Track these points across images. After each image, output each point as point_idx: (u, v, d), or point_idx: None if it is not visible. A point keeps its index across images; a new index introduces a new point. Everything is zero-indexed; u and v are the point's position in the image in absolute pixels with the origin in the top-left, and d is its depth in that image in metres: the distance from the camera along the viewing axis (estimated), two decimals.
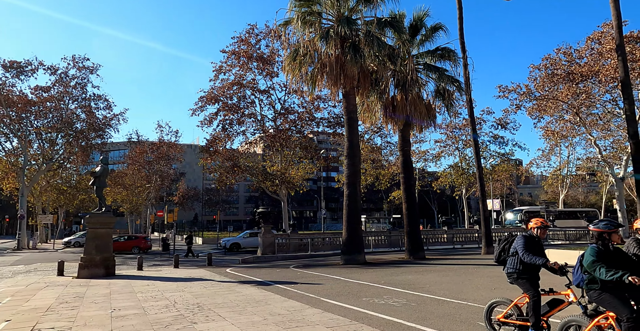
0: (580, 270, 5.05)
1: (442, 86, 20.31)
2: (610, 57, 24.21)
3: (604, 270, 4.54)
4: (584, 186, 60.46)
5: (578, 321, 5.14)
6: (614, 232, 4.86)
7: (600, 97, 28.53)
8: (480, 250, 21.89)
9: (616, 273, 4.44)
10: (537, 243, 5.90)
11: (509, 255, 6.12)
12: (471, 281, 12.14)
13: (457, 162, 42.86)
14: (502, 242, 6.38)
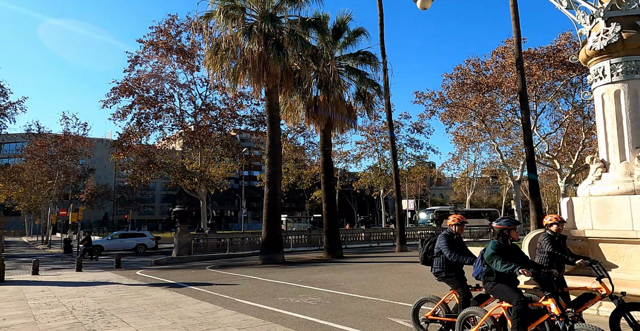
0: (480, 263, 5.44)
1: (363, 89, 20.93)
2: (511, 70, 26.58)
3: (500, 263, 4.90)
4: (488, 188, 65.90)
5: (475, 312, 5.51)
6: (513, 228, 5.26)
7: (503, 107, 31.24)
8: (394, 248, 22.86)
9: (509, 266, 4.81)
10: (457, 240, 6.16)
11: (434, 255, 6.27)
12: (384, 278, 12.61)
13: (376, 164, 44.49)
14: (426, 243, 6.53)
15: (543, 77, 27.34)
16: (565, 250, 6.16)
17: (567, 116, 31.20)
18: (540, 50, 27.81)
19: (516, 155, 36.23)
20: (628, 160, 8.24)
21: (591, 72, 8.79)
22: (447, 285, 6.18)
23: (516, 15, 16.58)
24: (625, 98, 8.27)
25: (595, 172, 8.72)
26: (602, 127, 8.74)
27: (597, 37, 8.28)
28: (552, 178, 44.15)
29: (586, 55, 8.70)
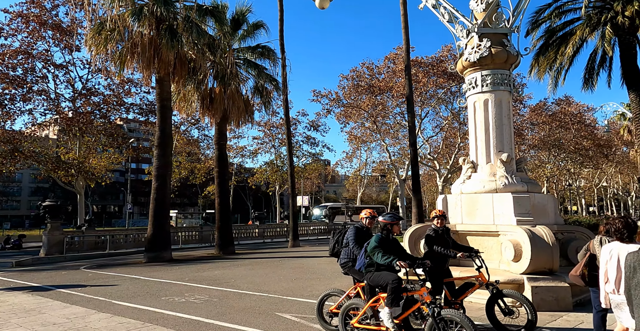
0: (364, 255, 5.68)
1: (261, 83, 20.71)
2: (401, 76, 28.46)
3: (380, 255, 5.18)
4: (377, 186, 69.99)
5: (357, 303, 5.74)
6: (396, 223, 5.59)
7: (393, 110, 33.34)
8: (288, 243, 23.08)
9: (389, 258, 5.10)
10: (366, 233, 6.28)
11: (342, 246, 6.34)
12: (275, 273, 12.64)
13: (272, 160, 44.52)
14: (336, 234, 6.59)
15: (428, 85, 29.75)
16: (448, 242, 6.54)
17: (446, 121, 34.35)
18: (426, 60, 30.22)
19: (402, 155, 38.91)
20: (492, 162, 9.29)
21: (466, 81, 9.73)
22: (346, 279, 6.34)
23: (406, 25, 17.74)
24: (492, 106, 9.31)
25: (466, 172, 9.68)
26: (473, 131, 9.73)
27: (471, 50, 9.19)
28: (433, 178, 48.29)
29: (462, 66, 9.61)
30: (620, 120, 39.88)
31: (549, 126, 37.71)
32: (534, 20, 18.44)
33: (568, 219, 21.28)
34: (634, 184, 53.43)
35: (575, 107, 39.55)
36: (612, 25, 16.85)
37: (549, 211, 9.16)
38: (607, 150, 41.64)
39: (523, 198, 8.56)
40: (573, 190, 54.82)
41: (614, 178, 55.67)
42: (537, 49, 18.68)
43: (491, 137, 9.34)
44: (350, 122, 36.04)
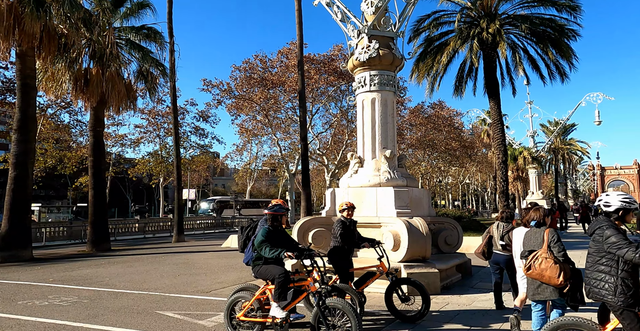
0: (251, 249, 5.59)
1: (146, 68, 19.22)
2: (293, 71, 28.79)
3: (268, 249, 5.13)
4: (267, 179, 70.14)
5: (243, 296, 5.65)
6: (284, 214, 5.58)
7: (285, 104, 33.56)
8: (172, 238, 21.93)
9: (276, 251, 5.07)
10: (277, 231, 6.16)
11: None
12: (157, 270, 11.90)
13: (157, 150, 41.81)
14: (246, 229, 6.27)
15: (319, 82, 30.53)
16: (354, 234, 6.66)
17: (335, 119, 35.64)
18: (318, 57, 30.96)
19: (293, 150, 39.45)
20: (377, 157, 9.85)
21: (356, 80, 10.16)
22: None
23: (300, 20, 17.95)
24: (378, 105, 9.86)
25: (353, 166, 10.13)
26: (361, 128, 10.21)
27: (362, 50, 9.61)
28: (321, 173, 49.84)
29: (353, 65, 10.01)
30: (481, 125, 45.43)
31: (425, 127, 41.32)
32: (415, 28, 19.99)
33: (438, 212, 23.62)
34: (490, 181, 61.27)
35: (447, 111, 43.92)
36: (478, 40, 19.01)
37: (424, 204, 10.04)
38: (471, 151, 47.10)
39: (403, 192, 9.24)
40: (442, 186, 60.99)
41: (474, 176, 63.22)
42: (417, 55, 20.26)
43: (377, 134, 9.90)
44: (242, 114, 35.43)
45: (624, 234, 3.66)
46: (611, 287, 3.64)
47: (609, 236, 3.63)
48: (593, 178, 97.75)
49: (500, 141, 21.26)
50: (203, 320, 6.41)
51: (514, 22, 19.73)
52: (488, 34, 18.46)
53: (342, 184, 10.23)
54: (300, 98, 18.53)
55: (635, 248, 3.47)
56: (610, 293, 3.66)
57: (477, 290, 8.49)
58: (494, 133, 21.99)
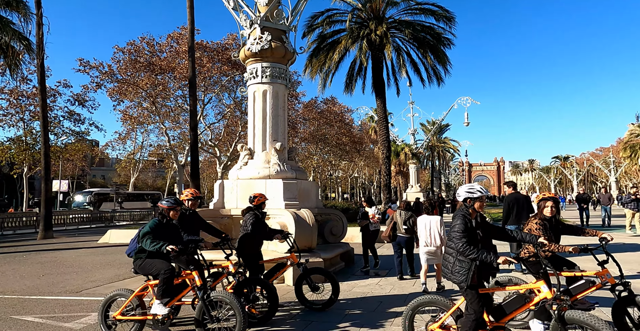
0: (136, 241, 5.24)
1: (6, 40, 16.77)
2: (184, 57, 27.39)
3: (149, 241, 4.86)
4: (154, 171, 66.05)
5: (122, 294, 5.29)
6: (174, 208, 5.22)
7: (174, 92, 31.80)
8: (37, 235, 19.53)
9: (158, 244, 4.82)
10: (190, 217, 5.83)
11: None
12: (16, 270, 10.52)
13: (20, 135, 36.73)
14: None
15: (212, 70, 29.47)
16: (265, 225, 6.58)
17: (228, 109, 34.83)
18: (211, 45, 29.83)
19: (183, 140, 37.67)
20: (268, 150, 9.88)
21: (248, 70, 10.04)
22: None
23: (191, 4, 17.13)
24: (270, 97, 9.87)
25: (243, 158, 10.03)
26: (252, 119, 10.13)
27: (254, 41, 9.52)
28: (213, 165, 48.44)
29: (245, 55, 9.86)
30: (370, 122, 48.11)
31: (317, 122, 42.44)
32: (309, 24, 20.39)
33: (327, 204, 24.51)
34: (376, 175, 65.30)
35: (338, 107, 45.61)
36: (367, 41, 20.06)
37: (312, 196, 10.34)
38: (359, 146, 49.61)
39: (292, 184, 9.40)
40: (333, 179, 63.42)
41: (363, 170, 66.84)
42: (311, 51, 20.73)
43: (268, 126, 9.91)
44: (126, 100, 32.73)
45: (470, 224, 4.10)
46: (452, 267, 4.12)
47: (456, 224, 4.10)
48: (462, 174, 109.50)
49: (385, 137, 22.74)
50: (70, 322, 5.85)
51: (399, 26, 21.18)
52: (376, 35, 19.56)
53: (231, 176, 10.07)
54: (190, 86, 17.74)
55: (467, 245, 3.92)
56: (449, 271, 4.14)
57: (357, 277, 9.03)
58: (380, 130, 23.44)
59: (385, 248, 13.54)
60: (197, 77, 23.54)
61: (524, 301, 4.22)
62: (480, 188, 4.25)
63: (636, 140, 56.36)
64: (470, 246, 3.95)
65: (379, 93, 21.93)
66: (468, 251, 3.92)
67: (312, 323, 5.76)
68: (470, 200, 4.19)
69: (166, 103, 33.46)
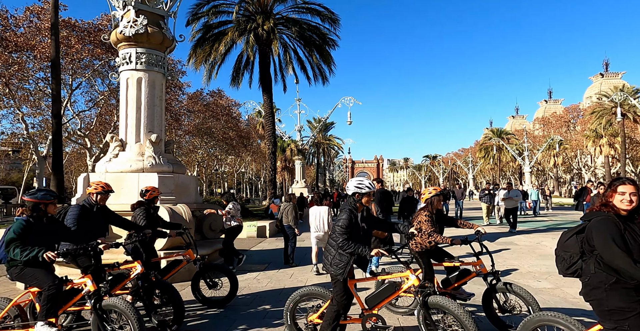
0: (3, 246, 4.41)
1: None
2: (47, 36, 24.28)
3: (19, 251, 4.13)
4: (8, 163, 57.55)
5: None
6: (52, 202, 4.54)
7: (35, 73, 28.00)
8: None
9: (32, 252, 4.12)
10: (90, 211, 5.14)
11: None
12: None
13: None
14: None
15: (82, 52, 26.57)
16: (158, 221, 6.19)
17: (102, 97, 31.79)
18: (82, 24, 26.85)
19: (45, 128, 33.43)
20: (142, 142, 9.26)
21: (120, 55, 9.27)
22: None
23: None
24: (145, 86, 9.25)
25: (114, 150, 9.26)
26: (124, 108, 9.40)
27: (127, 24, 8.82)
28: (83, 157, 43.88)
29: (117, 38, 9.09)
30: (257, 117, 47.90)
31: (203, 115, 40.95)
32: (194, 12, 19.55)
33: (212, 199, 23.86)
34: (263, 171, 65.36)
35: (225, 101, 44.55)
36: (254, 35, 19.92)
37: (191, 191, 9.96)
38: (247, 141, 49.13)
39: (168, 179, 8.95)
40: (219, 174, 61.91)
41: (250, 165, 66.36)
42: (195, 40, 19.91)
43: (142, 116, 9.29)
44: None
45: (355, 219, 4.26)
46: (332, 259, 4.29)
47: (341, 219, 4.22)
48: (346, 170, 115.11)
49: (271, 133, 22.85)
50: None
51: (286, 23, 21.41)
52: (263, 30, 19.52)
53: (98, 169, 9.24)
54: (53, 68, 15.77)
55: (347, 241, 4.08)
56: (329, 263, 4.30)
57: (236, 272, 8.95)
58: (266, 125, 23.50)
59: (267, 243, 13.65)
60: (63, 59, 21.05)
61: (394, 290, 4.51)
62: (369, 183, 4.35)
63: (489, 142, 64.87)
64: (349, 242, 4.09)
65: (266, 89, 21.95)
66: (346, 246, 4.08)
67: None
68: (358, 195, 4.28)
69: (24, 86, 29.37)
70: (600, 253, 2.92)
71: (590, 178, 58.07)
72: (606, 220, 2.94)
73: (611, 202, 3.03)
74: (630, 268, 2.73)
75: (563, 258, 3.23)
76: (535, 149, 54.02)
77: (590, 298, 3.04)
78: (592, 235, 2.97)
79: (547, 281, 7.98)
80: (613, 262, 2.83)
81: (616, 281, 2.89)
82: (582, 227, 3.15)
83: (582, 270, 3.11)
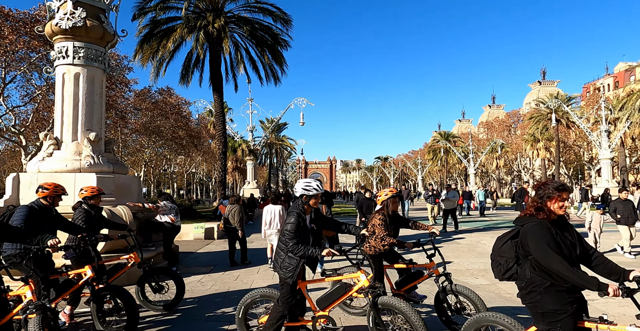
0: None
1: None
2: None
3: None
4: None
5: None
6: None
7: None
8: None
9: None
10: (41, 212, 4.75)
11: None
12: None
13: None
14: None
15: (17, 44, 24.86)
16: (101, 224, 5.98)
17: (40, 91, 29.92)
18: (17, 14, 25.13)
19: None
20: (79, 140, 8.81)
21: (56, 49, 8.79)
22: None
23: None
24: (83, 82, 8.81)
25: (47, 148, 8.76)
26: (60, 105, 8.91)
27: (64, 16, 8.37)
28: (18, 155, 41.09)
29: (52, 31, 8.61)
30: (208, 116, 46.89)
31: (151, 113, 39.51)
32: (141, 6, 18.85)
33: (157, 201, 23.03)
34: (215, 171, 64.08)
35: (175, 99, 43.25)
36: (205, 32, 19.49)
37: (133, 192, 9.60)
38: (197, 140, 47.95)
39: (107, 179, 8.57)
40: (168, 174, 60.05)
41: (201, 165, 64.85)
42: (142, 36, 19.21)
43: (80, 114, 8.84)
44: None
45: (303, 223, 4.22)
46: (281, 262, 4.26)
47: (289, 223, 4.19)
48: (299, 171, 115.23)
49: (222, 133, 22.45)
50: None
51: (238, 22, 21.11)
52: (214, 28, 19.15)
53: (30, 169, 8.69)
54: None
55: (296, 245, 4.07)
56: (279, 266, 4.28)
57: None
58: (217, 125, 23.06)
59: (215, 245, 13.41)
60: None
61: (345, 291, 4.51)
62: (317, 185, 4.31)
63: (437, 145, 67.23)
64: (299, 245, 4.07)
65: (217, 88, 21.56)
66: (296, 250, 4.06)
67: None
68: (306, 197, 4.24)
69: None
70: (537, 258, 2.96)
71: (529, 179, 61.60)
72: (540, 226, 2.99)
73: (547, 207, 3.05)
74: (568, 272, 2.79)
75: (499, 263, 3.25)
76: (479, 152, 56.58)
77: (526, 301, 3.10)
78: (527, 241, 3.00)
79: (484, 278, 8.37)
80: (551, 267, 2.88)
81: (550, 284, 2.95)
82: (516, 231, 3.19)
83: (517, 274, 3.14)
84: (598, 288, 2.70)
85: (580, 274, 2.79)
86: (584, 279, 2.75)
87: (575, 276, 2.77)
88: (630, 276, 2.84)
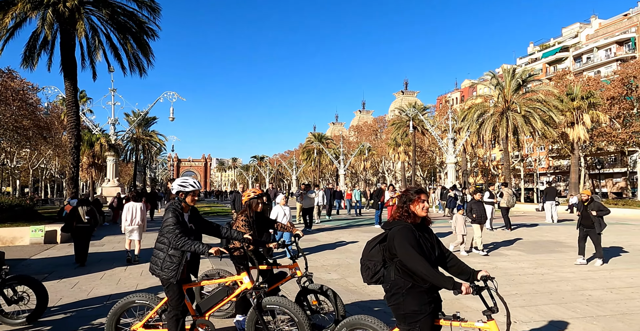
0: None
1: None
2: None
3: None
4: None
5: None
6: None
7: None
8: None
9: None
10: None
11: None
12: None
13: None
14: None
15: None
16: None
17: None
18: None
19: None
20: None
21: None
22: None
23: None
24: None
25: None
26: None
27: None
28: None
29: None
30: (62, 105, 41.66)
31: None
32: None
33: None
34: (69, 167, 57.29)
35: (19, 83, 37.57)
36: (54, 11, 17.26)
37: None
38: (47, 132, 42.32)
39: None
40: (9, 170, 51.95)
41: (52, 160, 57.36)
42: None
43: None
44: None
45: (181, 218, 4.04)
46: (162, 263, 3.99)
47: (167, 218, 3.98)
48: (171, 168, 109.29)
49: (74, 124, 20.14)
50: None
51: (96, 4, 19.14)
52: (65, 7, 17.07)
53: None
54: None
55: (181, 236, 3.86)
56: (159, 268, 3.99)
57: None
58: (69, 115, 20.59)
59: (57, 249, 11.98)
60: None
61: (227, 293, 4.41)
62: (194, 182, 4.23)
63: (311, 146, 69.59)
64: (184, 237, 3.89)
65: (69, 74, 19.22)
66: (182, 242, 3.85)
67: None
68: (182, 194, 4.12)
69: None
70: (402, 259, 3.05)
71: (392, 180, 67.40)
72: (406, 229, 3.14)
73: (412, 210, 3.21)
74: (429, 272, 2.94)
75: (368, 267, 3.30)
76: (349, 154, 60.11)
77: (390, 302, 3.17)
78: (393, 243, 3.10)
79: (336, 272, 8.90)
80: (416, 268, 2.97)
81: (412, 286, 3.07)
82: (384, 235, 3.28)
83: (384, 277, 3.23)
84: (453, 287, 2.90)
85: (440, 274, 2.98)
86: (442, 279, 2.94)
87: (435, 277, 2.94)
88: (478, 276, 3.14)
